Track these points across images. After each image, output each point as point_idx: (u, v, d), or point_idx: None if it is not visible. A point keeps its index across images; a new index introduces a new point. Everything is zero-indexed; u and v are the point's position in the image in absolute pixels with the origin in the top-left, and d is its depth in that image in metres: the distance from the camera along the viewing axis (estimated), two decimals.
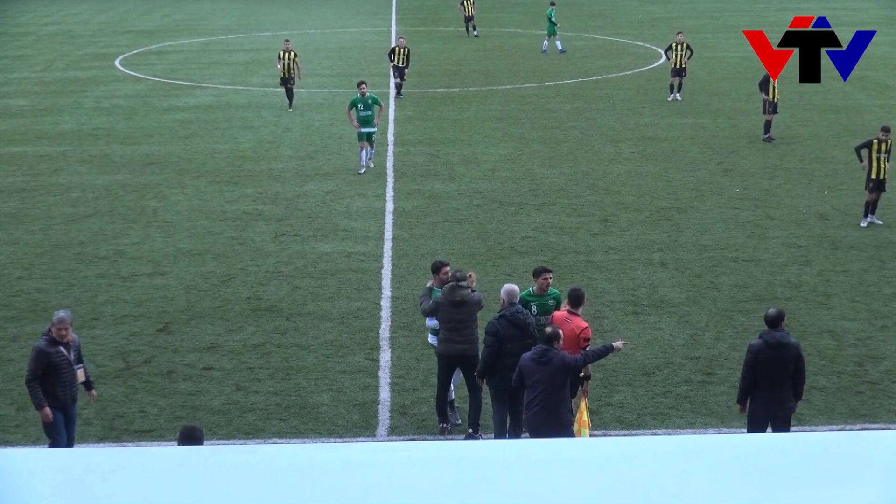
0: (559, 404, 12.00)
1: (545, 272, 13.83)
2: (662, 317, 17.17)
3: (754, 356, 12.19)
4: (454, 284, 13.51)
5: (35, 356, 12.22)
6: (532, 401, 12.05)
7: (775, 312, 12.37)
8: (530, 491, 5.34)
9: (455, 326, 13.48)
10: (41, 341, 12.32)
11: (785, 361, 12.13)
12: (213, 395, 14.67)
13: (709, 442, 7.42)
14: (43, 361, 12.18)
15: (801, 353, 12.35)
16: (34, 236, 21.62)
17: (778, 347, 12.10)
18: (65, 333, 12.31)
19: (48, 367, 12.20)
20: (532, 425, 12.04)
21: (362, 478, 5.46)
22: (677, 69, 34.65)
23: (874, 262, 19.69)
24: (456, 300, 13.42)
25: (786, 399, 12.24)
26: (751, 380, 12.26)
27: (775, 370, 12.13)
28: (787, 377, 12.20)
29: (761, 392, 12.22)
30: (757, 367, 12.18)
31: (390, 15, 61.66)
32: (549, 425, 11.80)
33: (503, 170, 26.27)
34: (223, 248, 20.75)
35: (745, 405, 12.46)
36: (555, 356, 11.93)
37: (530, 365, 12.01)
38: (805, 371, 12.44)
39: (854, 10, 57.92)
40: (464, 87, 37.79)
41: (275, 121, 32.42)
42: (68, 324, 12.33)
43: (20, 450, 8.45)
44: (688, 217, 22.40)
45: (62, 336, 12.29)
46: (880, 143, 21.36)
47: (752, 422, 12.38)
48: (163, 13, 64.41)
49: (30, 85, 39.59)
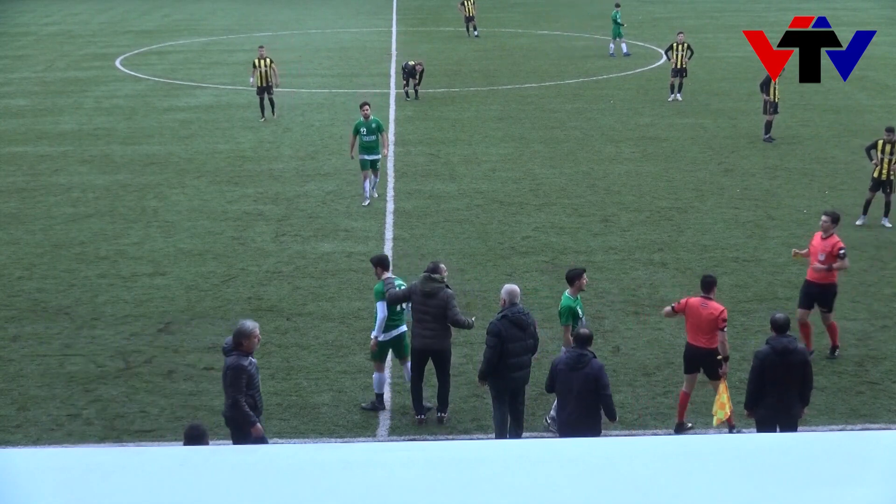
0: (592, 411, 11.99)
1: (584, 272, 13.86)
2: (663, 317, 17.15)
3: (761, 362, 12.16)
4: (426, 275, 13.69)
5: (237, 374, 11.66)
6: (565, 406, 12.02)
7: (783, 318, 12.34)
8: (530, 491, 5.34)
9: (422, 318, 13.67)
10: (232, 357, 11.75)
11: (791, 368, 12.09)
12: (214, 395, 14.66)
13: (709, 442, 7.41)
14: (244, 377, 11.71)
15: (809, 360, 12.35)
16: (35, 236, 21.63)
17: (785, 354, 12.06)
18: (256, 343, 11.95)
19: (248, 381, 11.76)
20: (565, 431, 12.01)
21: (362, 478, 5.46)
22: (678, 69, 34.67)
23: (874, 262, 19.70)
24: (426, 290, 13.55)
25: (792, 405, 12.20)
26: (758, 385, 12.23)
27: (782, 376, 12.09)
28: (793, 383, 12.15)
29: (768, 398, 12.20)
30: (763, 372, 12.14)
31: (390, 15, 61.67)
32: (582, 432, 11.73)
33: (504, 170, 26.28)
34: (224, 248, 20.75)
35: (753, 411, 12.42)
36: (591, 364, 11.95)
37: (565, 371, 11.98)
38: (812, 377, 12.41)
39: (854, 10, 57.92)
40: (464, 87, 37.79)
41: (275, 121, 32.43)
42: (258, 332, 11.97)
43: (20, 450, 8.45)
44: (688, 217, 22.41)
45: (254, 346, 11.90)
46: (885, 144, 21.39)
47: (760, 427, 12.36)
48: (163, 13, 64.41)
49: (30, 85, 39.60)
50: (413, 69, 35.02)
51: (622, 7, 45.46)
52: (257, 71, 32.09)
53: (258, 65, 32.08)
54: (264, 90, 32.19)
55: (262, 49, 33.24)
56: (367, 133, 23.32)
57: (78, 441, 13.36)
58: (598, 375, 12.01)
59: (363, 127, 23.35)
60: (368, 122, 23.36)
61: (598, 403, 12.02)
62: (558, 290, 18.26)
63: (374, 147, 23.37)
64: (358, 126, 23.47)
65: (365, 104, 23.71)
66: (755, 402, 12.33)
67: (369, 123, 23.35)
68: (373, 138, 23.34)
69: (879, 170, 21.42)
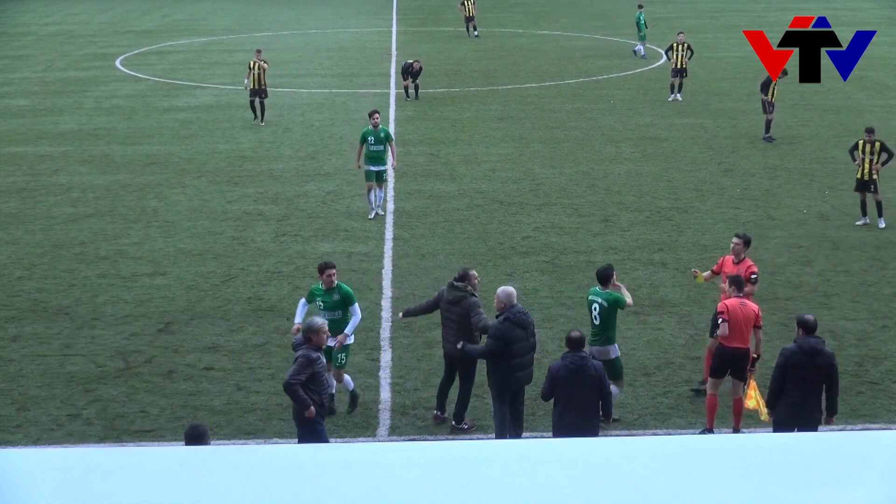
0: (592, 414, 11.97)
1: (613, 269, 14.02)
2: (663, 317, 17.17)
3: (786, 360, 12.00)
4: (450, 283, 13.73)
5: (304, 363, 11.88)
6: (568, 411, 11.98)
7: (813, 319, 12.21)
8: (530, 491, 5.34)
9: (447, 324, 13.77)
10: (303, 349, 11.98)
11: (817, 370, 11.94)
12: (214, 395, 14.68)
13: (709, 442, 7.42)
14: (309, 369, 11.89)
15: (835, 364, 12.13)
16: (35, 236, 21.62)
17: (812, 354, 11.92)
18: (325, 338, 12.23)
19: (312, 376, 11.91)
20: (564, 434, 11.94)
21: (362, 478, 5.46)
22: (678, 69, 34.67)
23: (875, 263, 19.70)
24: (450, 298, 13.63)
25: (813, 408, 12.01)
26: (781, 383, 12.06)
27: (805, 377, 11.94)
28: (817, 386, 11.99)
29: (790, 397, 12.01)
30: (787, 371, 11.99)
31: (390, 15, 61.66)
32: (582, 435, 11.69)
33: (504, 170, 26.28)
34: (224, 248, 20.75)
35: (774, 410, 12.25)
36: (594, 367, 11.94)
37: (566, 375, 11.95)
38: (838, 382, 12.20)
39: (854, 10, 57.92)
40: (464, 87, 37.79)
41: (275, 121, 32.43)
42: (327, 328, 12.26)
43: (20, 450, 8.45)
44: (688, 217, 22.41)
45: (322, 342, 12.15)
46: (865, 144, 21.47)
47: (778, 427, 12.20)
48: (163, 13, 64.40)
49: (30, 85, 39.60)
50: (411, 67, 35.04)
51: (644, 9, 45.08)
52: (251, 73, 31.88)
53: (252, 67, 31.81)
54: (257, 93, 31.87)
55: (260, 52, 32.97)
56: (375, 142, 22.31)
57: (78, 441, 13.36)
58: (601, 377, 12.01)
59: (371, 135, 22.34)
60: (377, 132, 22.39)
61: (598, 405, 12.02)
62: (558, 290, 18.31)
63: (380, 157, 22.38)
64: (366, 134, 22.44)
65: (375, 112, 22.79)
66: (776, 399, 12.17)
67: (378, 132, 22.39)
68: (380, 148, 22.38)
69: (861, 170, 21.45)
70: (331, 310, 14.04)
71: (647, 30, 44.13)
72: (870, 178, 21.39)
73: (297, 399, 11.90)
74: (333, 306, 14.06)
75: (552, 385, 12.08)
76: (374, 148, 22.31)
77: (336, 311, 14.08)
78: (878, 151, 21.35)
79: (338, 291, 14.10)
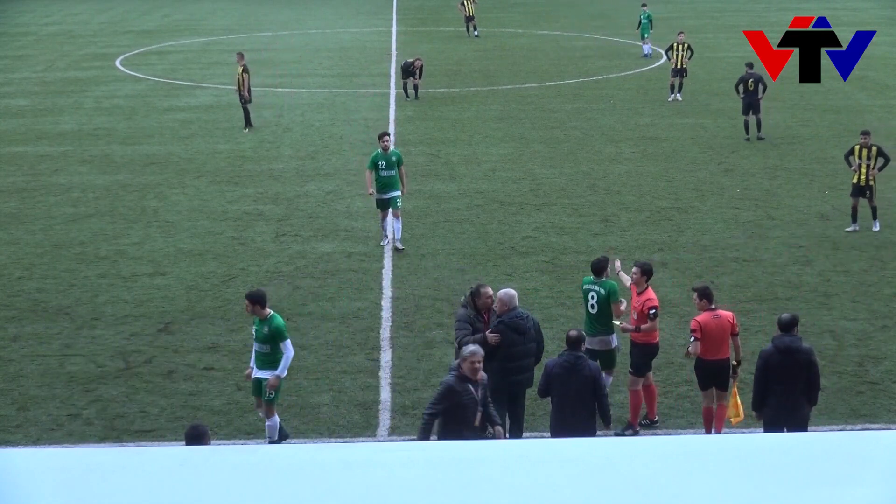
0: (589, 414, 11.97)
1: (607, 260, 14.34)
2: (663, 317, 17.09)
3: (764, 361, 12.07)
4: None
5: (443, 391, 11.20)
6: (562, 410, 11.98)
7: (788, 317, 12.25)
8: (530, 491, 5.34)
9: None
10: (449, 376, 11.33)
11: (796, 367, 11.98)
12: (214, 395, 14.68)
13: (709, 442, 7.42)
14: (450, 398, 11.17)
15: (814, 359, 12.18)
16: (35, 236, 21.63)
17: (788, 353, 11.97)
18: (478, 368, 11.28)
19: (455, 407, 11.16)
20: (561, 434, 11.94)
21: (362, 478, 5.46)
22: (678, 69, 34.66)
23: (875, 263, 19.69)
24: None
25: (799, 405, 12.07)
26: (763, 385, 12.13)
27: (786, 376, 11.98)
28: (798, 383, 12.03)
29: (772, 398, 12.08)
30: (767, 372, 12.04)
31: (390, 15, 61.65)
32: (578, 434, 11.68)
33: (504, 170, 26.28)
34: (224, 248, 20.75)
35: (761, 412, 12.31)
36: (588, 366, 11.93)
37: (560, 373, 11.95)
38: (819, 377, 12.28)
39: (854, 10, 57.90)
40: (464, 87, 37.79)
41: (275, 121, 32.43)
42: (480, 357, 11.31)
43: (20, 450, 8.45)
44: (688, 217, 22.41)
45: (475, 372, 11.28)
46: (861, 149, 21.20)
47: (767, 428, 12.24)
48: (163, 13, 64.40)
49: (30, 85, 39.60)
50: (412, 66, 35.03)
51: (648, 7, 44.95)
52: (236, 77, 31.24)
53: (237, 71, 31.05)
54: (241, 98, 30.94)
55: (241, 56, 31.48)
56: (387, 167, 20.12)
57: (78, 441, 13.36)
58: (596, 377, 12.00)
59: (382, 160, 20.14)
60: (388, 155, 20.25)
61: (594, 406, 12.01)
62: (558, 290, 18.31)
63: (393, 183, 20.23)
64: (375, 159, 20.22)
65: (385, 134, 20.71)
66: (761, 401, 12.23)
67: (389, 156, 20.23)
68: (392, 173, 20.17)
69: (858, 175, 21.20)
70: (261, 342, 13.08)
71: (652, 31, 44.03)
72: (866, 184, 21.15)
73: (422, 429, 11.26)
74: (263, 339, 13.04)
75: (547, 382, 12.16)
76: (386, 173, 20.19)
77: (265, 344, 13.06)
78: (875, 157, 21.13)
79: (268, 324, 12.98)
